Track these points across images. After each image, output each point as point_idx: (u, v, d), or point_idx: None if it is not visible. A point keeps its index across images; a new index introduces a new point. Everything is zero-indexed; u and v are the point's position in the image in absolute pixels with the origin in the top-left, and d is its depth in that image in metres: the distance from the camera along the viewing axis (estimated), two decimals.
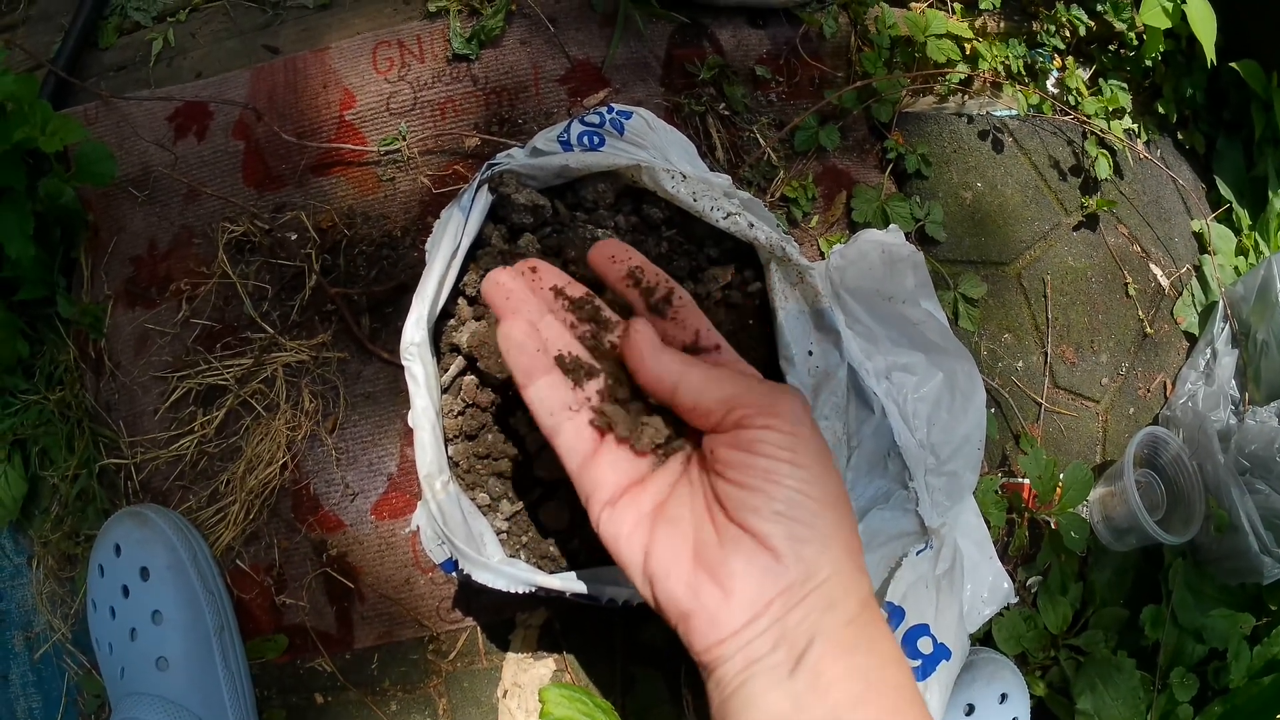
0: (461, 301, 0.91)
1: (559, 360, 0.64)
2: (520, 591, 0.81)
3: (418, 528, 0.89)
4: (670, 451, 0.63)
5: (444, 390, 0.90)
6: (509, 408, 0.89)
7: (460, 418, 0.89)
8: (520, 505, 0.89)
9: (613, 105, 0.97)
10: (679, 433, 0.63)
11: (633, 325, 0.61)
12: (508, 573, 0.81)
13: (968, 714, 1.10)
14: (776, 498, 0.56)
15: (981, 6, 1.41)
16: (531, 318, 0.65)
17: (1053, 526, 1.22)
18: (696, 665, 0.58)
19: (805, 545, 0.56)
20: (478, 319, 0.90)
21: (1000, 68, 1.39)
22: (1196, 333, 1.42)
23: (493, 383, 0.89)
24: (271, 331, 1.13)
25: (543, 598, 0.83)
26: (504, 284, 0.66)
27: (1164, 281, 1.41)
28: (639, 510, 0.61)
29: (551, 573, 0.83)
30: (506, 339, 0.64)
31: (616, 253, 0.69)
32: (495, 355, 0.86)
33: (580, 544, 0.88)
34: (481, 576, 0.81)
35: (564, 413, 0.64)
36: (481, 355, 0.85)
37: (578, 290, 0.68)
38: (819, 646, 0.55)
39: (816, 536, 0.56)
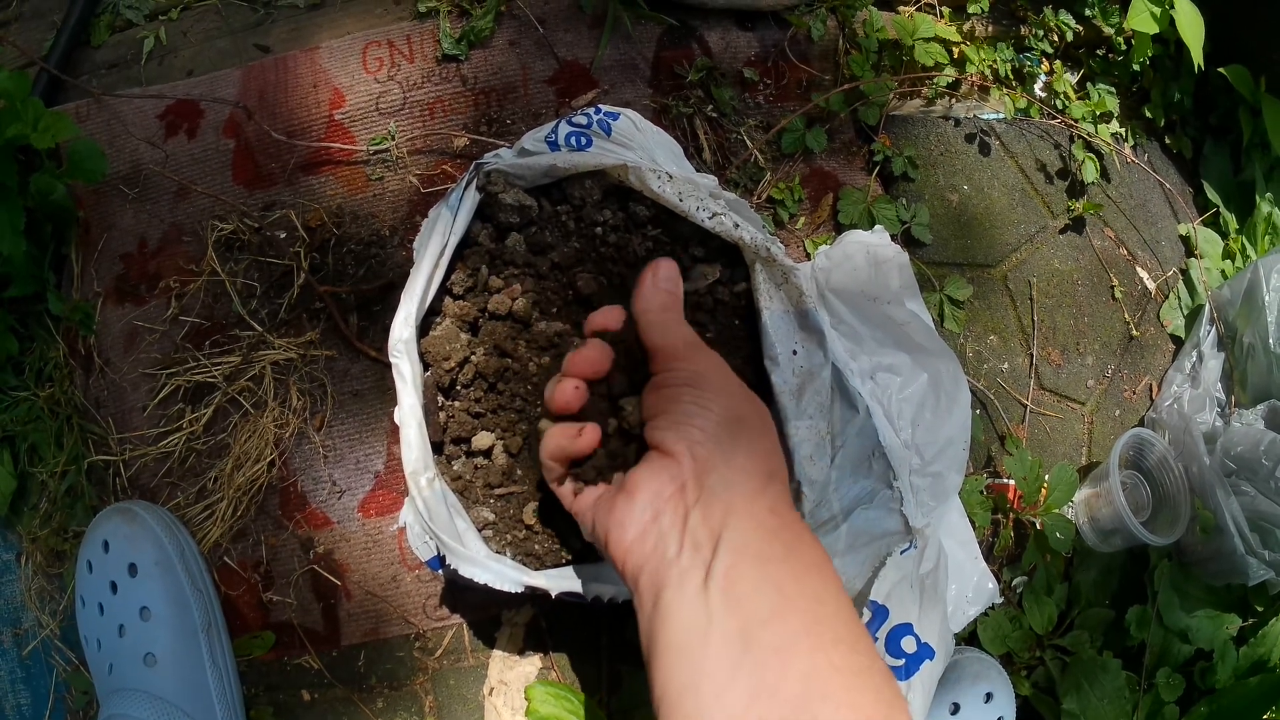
0: (448, 300, 0.92)
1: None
2: (506, 588, 0.82)
3: (404, 525, 0.89)
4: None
5: (443, 392, 0.90)
6: (497, 405, 0.89)
7: (448, 415, 0.89)
8: (506, 504, 0.89)
9: (600, 106, 0.98)
10: None
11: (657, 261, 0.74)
12: (494, 568, 0.82)
13: (953, 713, 1.10)
14: (673, 413, 0.64)
15: (969, 10, 1.42)
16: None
17: (1038, 527, 1.22)
18: (629, 589, 0.62)
19: (699, 447, 0.62)
20: (464, 316, 0.90)
21: (988, 71, 1.40)
22: (1183, 335, 1.43)
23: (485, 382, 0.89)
24: (260, 329, 1.13)
25: (529, 595, 0.83)
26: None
27: (1150, 285, 1.42)
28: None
29: (537, 570, 0.84)
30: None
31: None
32: (491, 351, 0.88)
33: (565, 543, 0.88)
34: (468, 571, 0.82)
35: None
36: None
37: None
38: (728, 554, 0.57)
39: (710, 440, 0.62)
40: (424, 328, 0.90)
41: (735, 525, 0.58)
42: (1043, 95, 1.45)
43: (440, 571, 0.99)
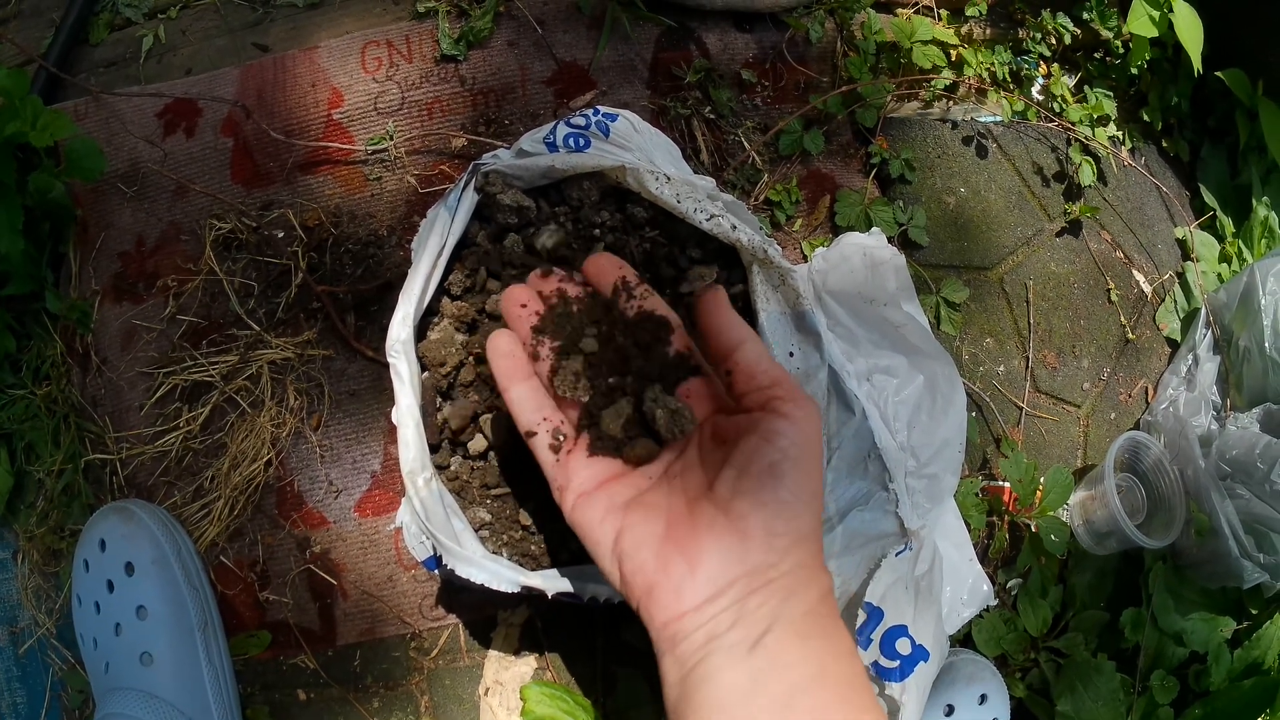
0: (446, 300, 0.92)
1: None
2: (502, 588, 0.82)
3: (401, 525, 0.90)
4: (638, 448, 0.67)
5: (441, 394, 0.90)
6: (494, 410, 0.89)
7: (445, 415, 0.90)
8: (503, 504, 0.89)
9: (599, 108, 0.98)
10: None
11: (711, 286, 0.67)
12: (490, 568, 0.82)
13: (947, 714, 1.10)
14: (769, 490, 0.59)
15: (968, 13, 1.42)
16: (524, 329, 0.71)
17: (1033, 530, 1.22)
18: (654, 642, 0.60)
19: (778, 538, 0.59)
20: (461, 316, 0.90)
21: (985, 74, 1.40)
22: (1179, 339, 1.43)
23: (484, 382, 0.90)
24: (257, 329, 1.13)
25: (525, 596, 0.84)
26: (518, 296, 0.72)
27: (1146, 288, 1.42)
28: (612, 501, 0.65)
29: (533, 571, 0.84)
30: (494, 348, 0.69)
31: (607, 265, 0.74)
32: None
33: (562, 544, 0.88)
34: (465, 571, 0.82)
35: (539, 414, 0.69)
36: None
37: (576, 290, 0.74)
38: (777, 631, 0.57)
39: (791, 531, 0.59)
40: (421, 328, 0.91)
41: (789, 609, 0.58)
42: (1040, 98, 1.45)
43: (436, 571, 1.00)
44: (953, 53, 1.38)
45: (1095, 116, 1.43)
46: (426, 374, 0.90)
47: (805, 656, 0.57)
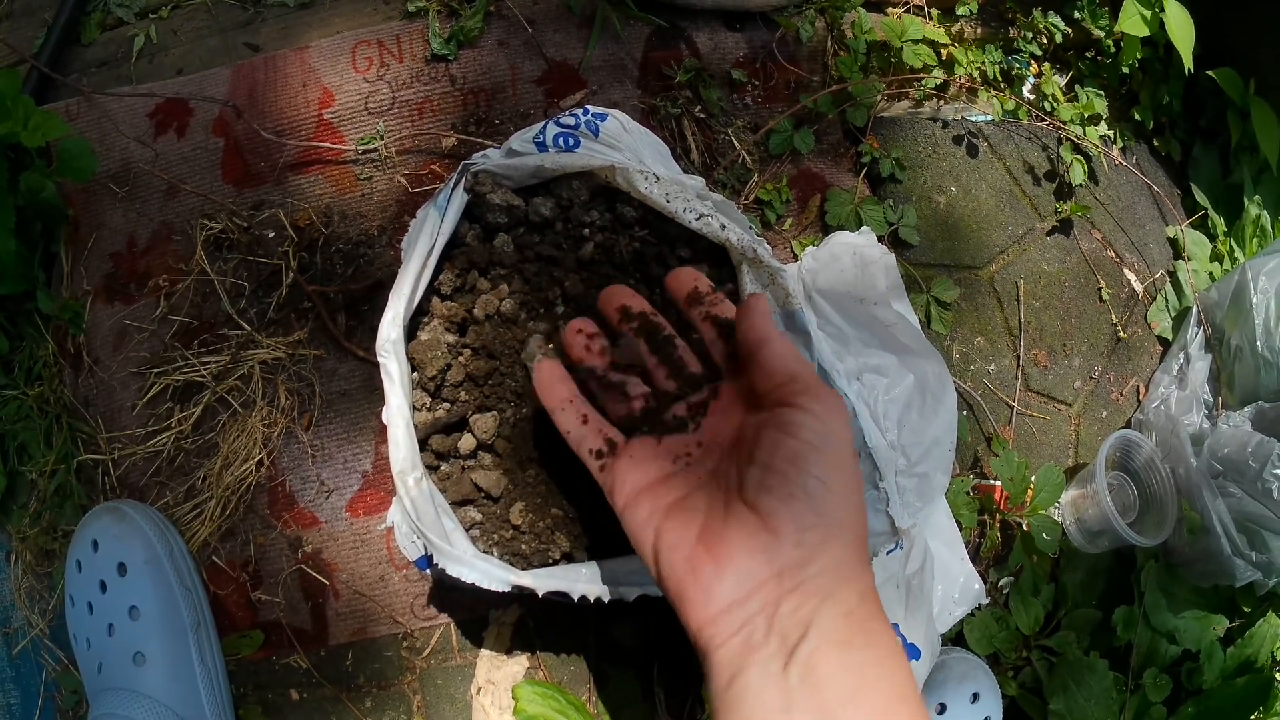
0: (436, 300, 0.92)
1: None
2: (493, 587, 0.82)
3: (392, 524, 0.90)
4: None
5: (430, 394, 0.91)
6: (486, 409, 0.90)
7: (435, 415, 0.90)
8: (494, 503, 0.89)
9: (588, 107, 0.98)
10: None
11: (755, 295, 0.69)
12: (481, 567, 0.82)
13: (939, 713, 1.11)
14: (794, 481, 0.58)
15: (958, 12, 1.42)
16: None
17: (1024, 528, 1.23)
18: (694, 646, 0.59)
19: (809, 532, 0.58)
20: (451, 316, 0.90)
21: (976, 73, 1.40)
22: (1170, 337, 1.43)
23: (476, 379, 0.90)
24: (248, 328, 1.13)
25: (516, 595, 0.84)
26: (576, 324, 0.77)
27: (1138, 286, 1.43)
28: (656, 503, 0.65)
29: (524, 570, 0.84)
30: (542, 381, 0.75)
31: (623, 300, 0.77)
32: (479, 351, 0.89)
33: (552, 544, 0.88)
34: (455, 570, 0.82)
35: (584, 429, 0.72)
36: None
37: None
38: (814, 639, 0.55)
39: (823, 525, 0.58)
40: (411, 328, 0.91)
41: (827, 614, 0.56)
42: (1031, 97, 1.45)
43: (428, 571, 1.00)
44: (943, 52, 1.39)
45: (1086, 115, 1.44)
46: (416, 374, 0.90)
47: (843, 668, 0.55)
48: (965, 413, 1.25)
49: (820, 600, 0.56)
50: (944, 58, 1.38)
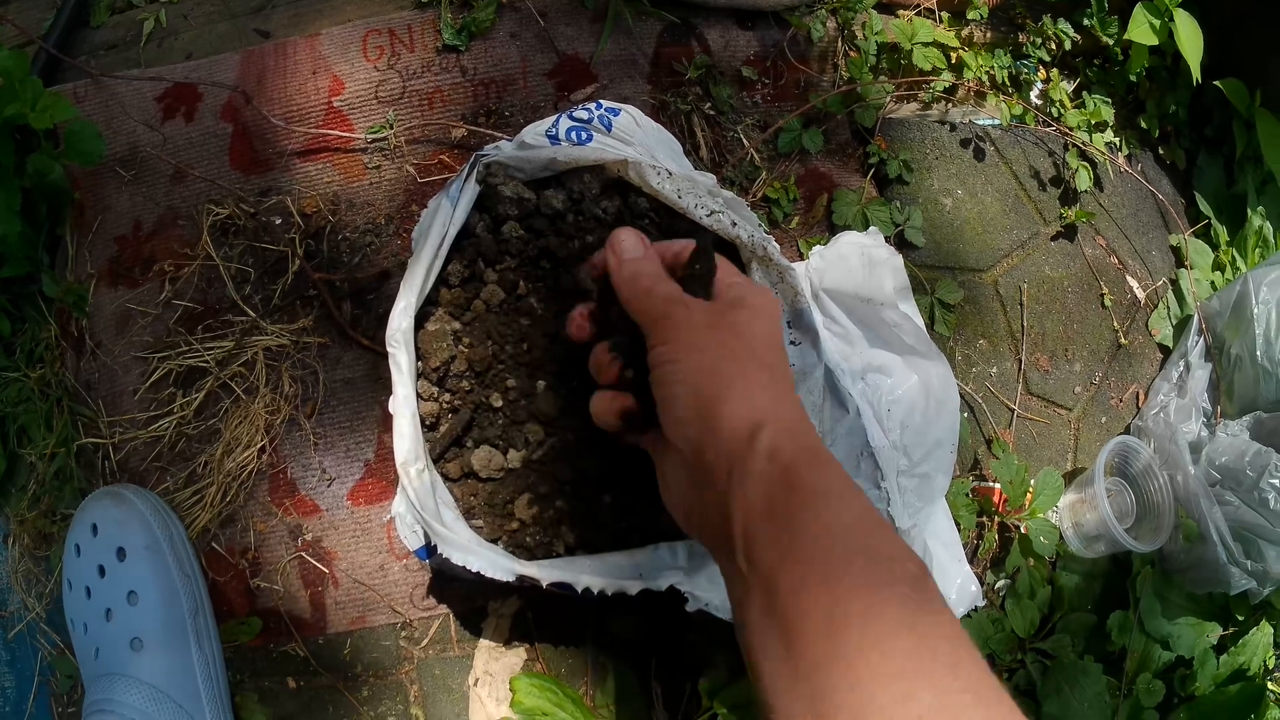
0: (443, 290, 0.92)
1: None
2: (495, 576, 0.82)
3: (395, 515, 0.89)
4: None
5: (435, 383, 0.90)
6: (489, 396, 0.89)
7: (440, 405, 0.90)
8: (498, 496, 0.89)
9: (601, 101, 0.98)
10: None
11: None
12: (486, 555, 0.82)
13: None
14: (660, 402, 0.67)
15: (969, 16, 1.42)
16: None
17: (1022, 531, 1.23)
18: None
19: (685, 427, 0.64)
20: (458, 306, 0.90)
21: (985, 77, 1.41)
22: (1171, 345, 1.44)
23: (477, 369, 0.90)
24: (253, 315, 1.13)
25: (515, 587, 0.84)
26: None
27: (1140, 294, 1.43)
28: None
29: (527, 560, 0.84)
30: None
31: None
32: (483, 341, 0.88)
33: (557, 537, 0.88)
34: (460, 558, 0.82)
35: None
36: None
37: None
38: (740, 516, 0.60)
39: (690, 414, 0.64)
40: (419, 318, 0.91)
41: (737, 498, 0.58)
42: (1038, 103, 1.46)
43: (428, 561, 1.00)
44: (953, 55, 1.39)
45: (1093, 122, 1.44)
46: (420, 363, 0.90)
47: (773, 536, 0.56)
48: (966, 414, 1.25)
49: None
50: (953, 61, 1.39)
